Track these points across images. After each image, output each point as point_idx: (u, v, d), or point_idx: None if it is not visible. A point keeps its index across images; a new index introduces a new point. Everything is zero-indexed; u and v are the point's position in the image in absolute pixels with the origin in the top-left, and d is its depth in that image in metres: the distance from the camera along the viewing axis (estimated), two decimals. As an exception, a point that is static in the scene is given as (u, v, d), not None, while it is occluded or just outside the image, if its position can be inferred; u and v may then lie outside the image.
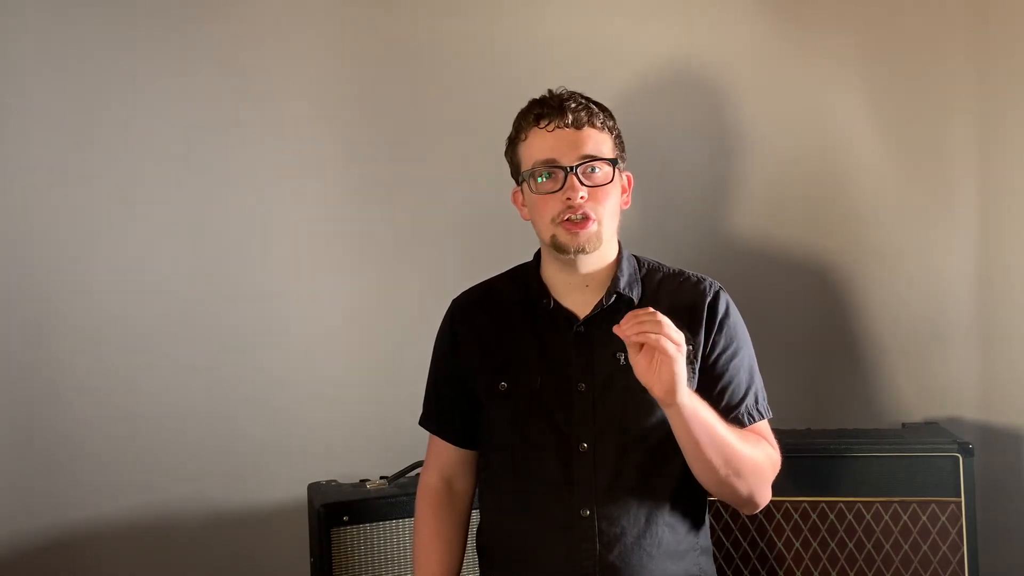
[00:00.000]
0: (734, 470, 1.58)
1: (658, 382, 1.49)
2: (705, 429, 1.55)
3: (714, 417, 1.57)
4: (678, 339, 1.48)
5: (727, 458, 1.57)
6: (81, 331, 2.36)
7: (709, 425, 1.55)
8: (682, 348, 1.49)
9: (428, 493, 1.80)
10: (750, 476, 1.60)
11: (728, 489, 1.61)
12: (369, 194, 2.47)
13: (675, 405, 1.51)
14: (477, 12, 2.48)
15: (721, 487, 1.61)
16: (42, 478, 2.35)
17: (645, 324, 1.48)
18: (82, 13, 2.34)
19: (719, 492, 1.64)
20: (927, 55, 2.46)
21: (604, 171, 1.64)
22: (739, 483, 1.60)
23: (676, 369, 1.47)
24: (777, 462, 1.68)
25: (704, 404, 1.57)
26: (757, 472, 1.62)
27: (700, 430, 1.54)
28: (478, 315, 1.76)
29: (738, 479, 1.59)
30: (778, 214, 2.50)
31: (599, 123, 1.65)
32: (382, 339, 2.48)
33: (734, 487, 1.60)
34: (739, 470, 1.59)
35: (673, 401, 1.50)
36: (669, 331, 1.47)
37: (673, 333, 1.48)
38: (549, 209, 1.63)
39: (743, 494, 1.62)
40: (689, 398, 1.52)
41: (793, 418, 2.33)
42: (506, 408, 1.69)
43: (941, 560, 2.13)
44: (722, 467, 1.57)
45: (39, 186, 2.34)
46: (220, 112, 2.41)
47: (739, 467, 1.58)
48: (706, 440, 1.55)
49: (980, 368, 2.47)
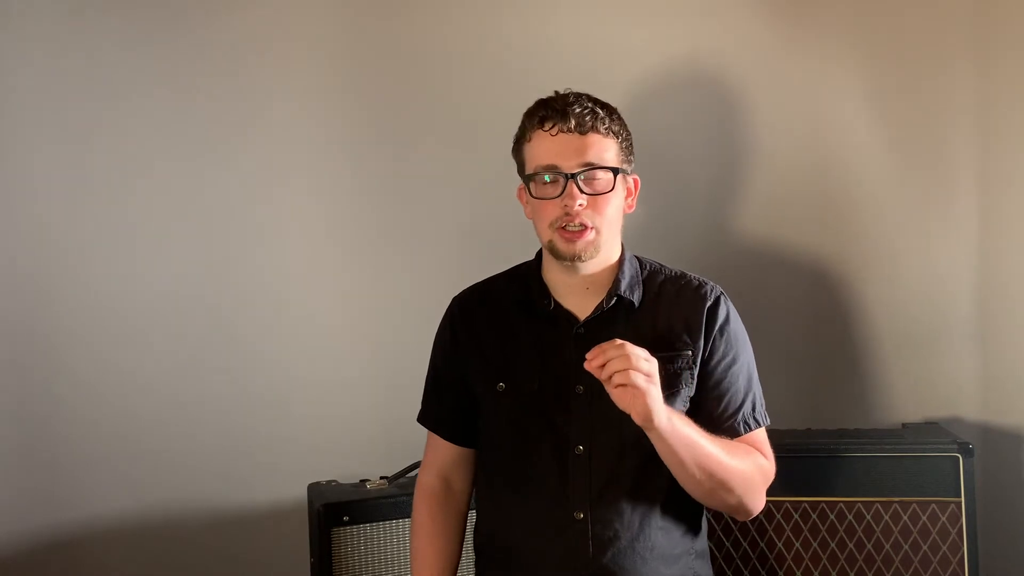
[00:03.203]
0: (719, 483, 1.58)
1: (634, 411, 1.48)
2: (688, 447, 1.54)
3: (697, 433, 1.56)
4: (648, 369, 1.47)
5: (711, 472, 1.57)
6: (81, 331, 2.36)
7: (691, 443, 1.55)
8: (653, 377, 1.47)
9: (426, 492, 1.80)
10: (738, 488, 1.60)
11: (716, 500, 1.62)
12: (370, 194, 2.47)
13: (654, 430, 1.51)
14: (480, 12, 2.47)
15: (708, 499, 1.63)
16: (42, 478, 2.35)
17: (613, 361, 1.46)
18: (85, 16, 2.34)
19: (707, 503, 1.65)
20: (928, 55, 2.46)
21: (605, 179, 1.63)
22: (726, 495, 1.60)
23: (648, 401, 1.47)
24: (769, 472, 1.68)
25: (686, 422, 1.56)
26: (745, 483, 1.61)
27: (682, 449, 1.54)
28: (478, 314, 1.76)
29: (725, 491, 1.60)
30: (779, 214, 2.50)
31: (604, 128, 1.63)
32: (382, 339, 2.47)
33: (722, 498, 1.61)
34: (725, 483, 1.59)
35: (652, 427, 1.50)
36: (638, 364, 1.45)
37: (642, 365, 1.46)
38: (548, 214, 1.63)
39: (732, 504, 1.63)
40: (668, 420, 1.51)
41: (793, 418, 2.34)
42: (504, 408, 1.69)
43: (941, 560, 2.13)
44: (706, 481, 1.57)
45: (40, 186, 2.34)
46: (221, 113, 2.41)
47: (725, 480, 1.58)
48: (688, 458, 1.55)
49: (980, 368, 2.47)
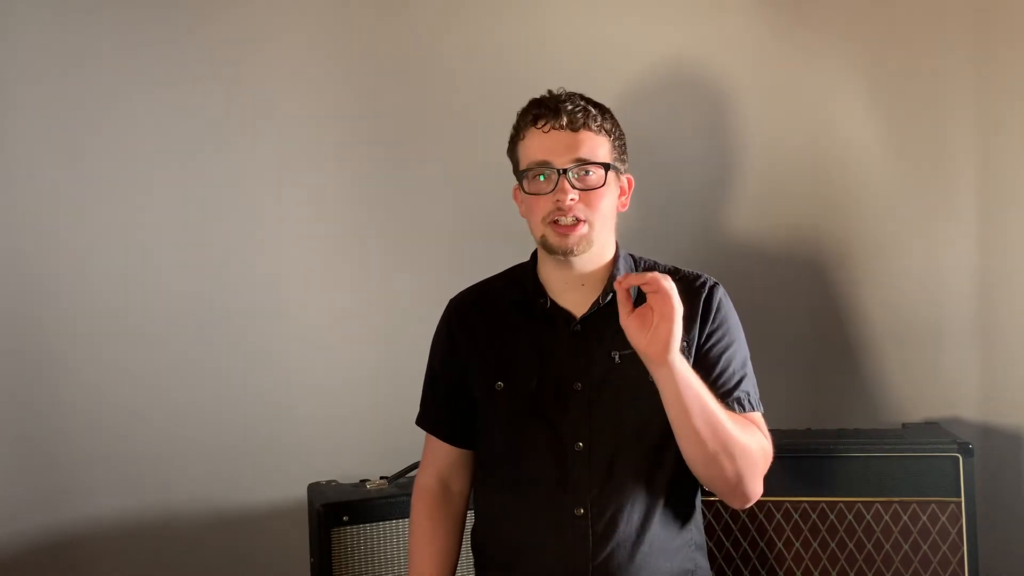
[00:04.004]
0: (722, 446, 1.55)
1: (653, 341, 1.49)
2: (695, 398, 1.53)
3: (705, 390, 1.56)
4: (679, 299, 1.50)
5: (715, 430, 1.54)
6: (81, 331, 2.36)
7: (699, 394, 1.54)
8: (678, 310, 1.49)
9: (424, 493, 1.80)
10: (740, 458, 1.57)
11: (716, 469, 1.57)
12: (369, 195, 2.47)
13: (666, 364, 1.50)
14: (477, 14, 2.48)
15: (709, 466, 1.57)
16: (42, 478, 2.35)
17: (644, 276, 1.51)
18: (83, 17, 2.34)
19: (707, 473, 1.59)
20: (927, 55, 2.46)
21: (597, 174, 1.64)
22: (727, 463, 1.56)
23: (673, 327, 1.48)
24: (769, 453, 1.65)
25: (695, 375, 1.56)
26: (747, 456, 1.58)
27: (690, 397, 1.53)
28: (475, 315, 1.76)
29: (727, 458, 1.56)
30: (778, 214, 2.50)
31: (596, 126, 1.65)
32: (382, 339, 2.48)
33: (722, 466, 1.56)
34: (727, 447, 1.56)
35: (664, 360, 1.50)
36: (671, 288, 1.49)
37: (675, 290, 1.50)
38: (540, 209, 1.64)
39: (730, 476, 1.58)
40: (681, 361, 1.52)
41: (793, 418, 2.34)
42: (502, 408, 1.70)
43: (941, 560, 2.13)
44: (711, 440, 1.54)
45: (40, 186, 2.34)
46: (220, 114, 2.41)
47: (727, 444, 1.55)
48: (696, 409, 1.53)
49: (980, 368, 2.46)
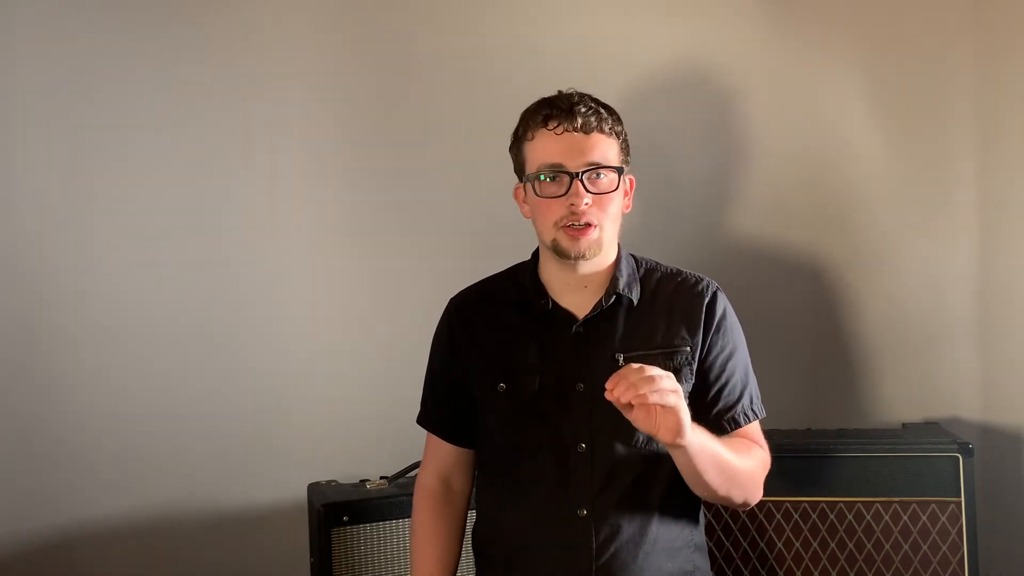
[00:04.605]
0: (732, 482, 1.61)
1: (664, 430, 1.46)
2: (711, 459, 1.55)
3: (712, 441, 1.56)
4: (674, 386, 1.44)
5: (727, 477, 1.59)
6: (79, 332, 2.36)
7: (712, 453, 1.56)
8: (680, 392, 1.45)
9: (425, 493, 1.80)
10: (747, 485, 1.64)
11: (724, 500, 1.64)
12: (369, 196, 2.47)
13: (682, 446, 1.50)
14: (480, 14, 2.48)
15: (714, 498, 1.64)
16: (41, 479, 2.34)
17: (638, 385, 1.41)
18: (81, 13, 2.33)
19: (713, 501, 1.67)
20: (927, 55, 2.46)
21: (609, 178, 1.63)
22: (736, 493, 1.63)
23: (682, 416, 1.45)
24: (768, 462, 1.71)
25: (703, 431, 1.55)
26: (753, 479, 1.65)
27: (705, 461, 1.55)
28: (475, 315, 1.76)
29: (735, 488, 1.62)
30: (779, 214, 2.50)
31: (607, 128, 1.64)
32: (382, 339, 2.47)
33: (731, 498, 1.63)
34: (736, 481, 1.61)
35: (681, 443, 1.49)
36: (663, 384, 1.42)
37: (668, 384, 1.43)
38: (552, 213, 1.63)
39: (737, 501, 1.65)
40: (693, 433, 1.50)
41: (793, 418, 2.34)
42: (504, 409, 1.69)
43: (941, 560, 2.13)
44: (722, 486, 1.59)
45: (35, 189, 2.33)
46: (220, 115, 2.40)
47: (736, 479, 1.61)
48: (709, 466, 1.56)
49: (980, 368, 2.47)
